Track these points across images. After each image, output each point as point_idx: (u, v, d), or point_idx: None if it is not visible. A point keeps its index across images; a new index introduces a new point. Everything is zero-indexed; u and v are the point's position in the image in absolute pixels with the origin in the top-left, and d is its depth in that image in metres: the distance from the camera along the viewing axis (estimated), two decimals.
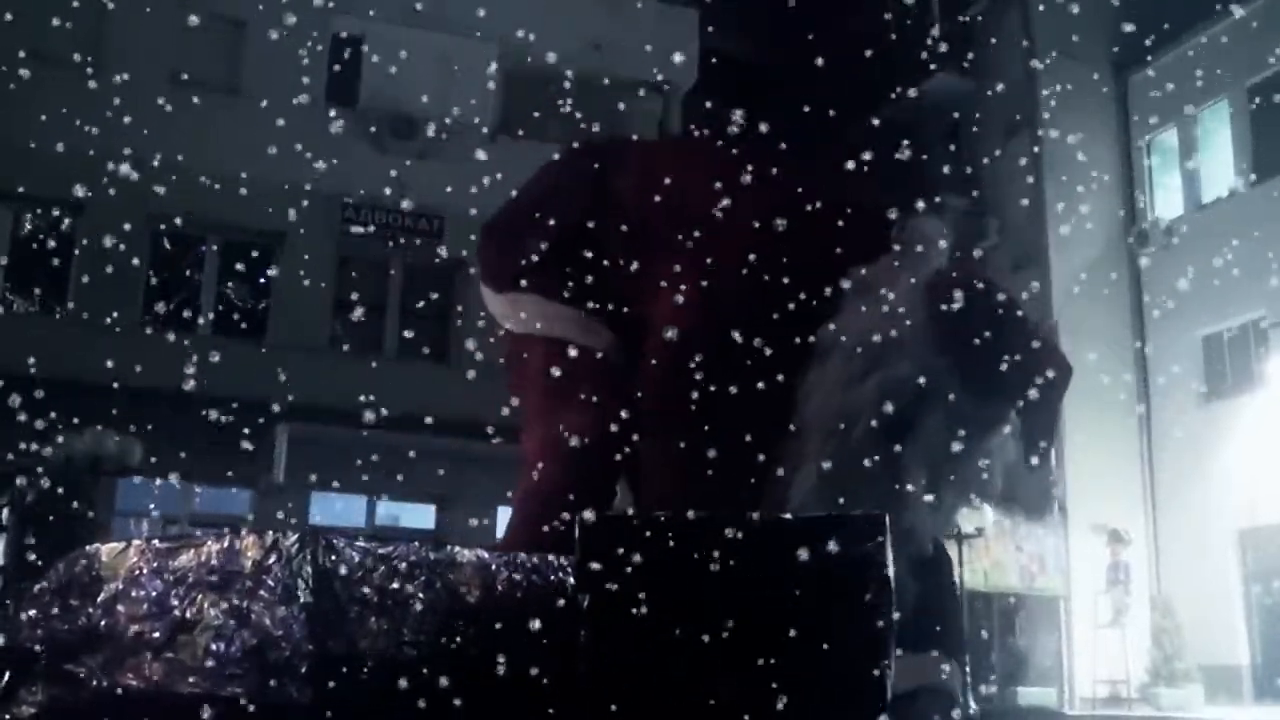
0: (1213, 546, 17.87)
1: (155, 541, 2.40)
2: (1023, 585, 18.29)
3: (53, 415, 13.42)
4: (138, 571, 2.34)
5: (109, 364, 13.46)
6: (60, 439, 13.67)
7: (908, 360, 2.57)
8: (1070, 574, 18.36)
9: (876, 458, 2.55)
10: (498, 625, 2.18)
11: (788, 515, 2.26)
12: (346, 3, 17.63)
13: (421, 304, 17.86)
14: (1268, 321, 17.58)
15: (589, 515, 2.15)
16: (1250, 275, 16.39)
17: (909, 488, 2.59)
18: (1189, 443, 18.31)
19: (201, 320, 18.09)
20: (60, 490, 13.09)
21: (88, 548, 2.44)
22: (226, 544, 2.29)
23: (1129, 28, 18.00)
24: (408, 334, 18.05)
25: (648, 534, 2.10)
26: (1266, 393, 17.51)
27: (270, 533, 2.26)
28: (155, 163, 15.28)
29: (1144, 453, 19.35)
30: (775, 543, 2.08)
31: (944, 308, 2.61)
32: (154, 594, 2.29)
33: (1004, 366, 2.65)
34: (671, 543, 2.10)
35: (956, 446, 2.65)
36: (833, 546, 2.08)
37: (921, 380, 2.57)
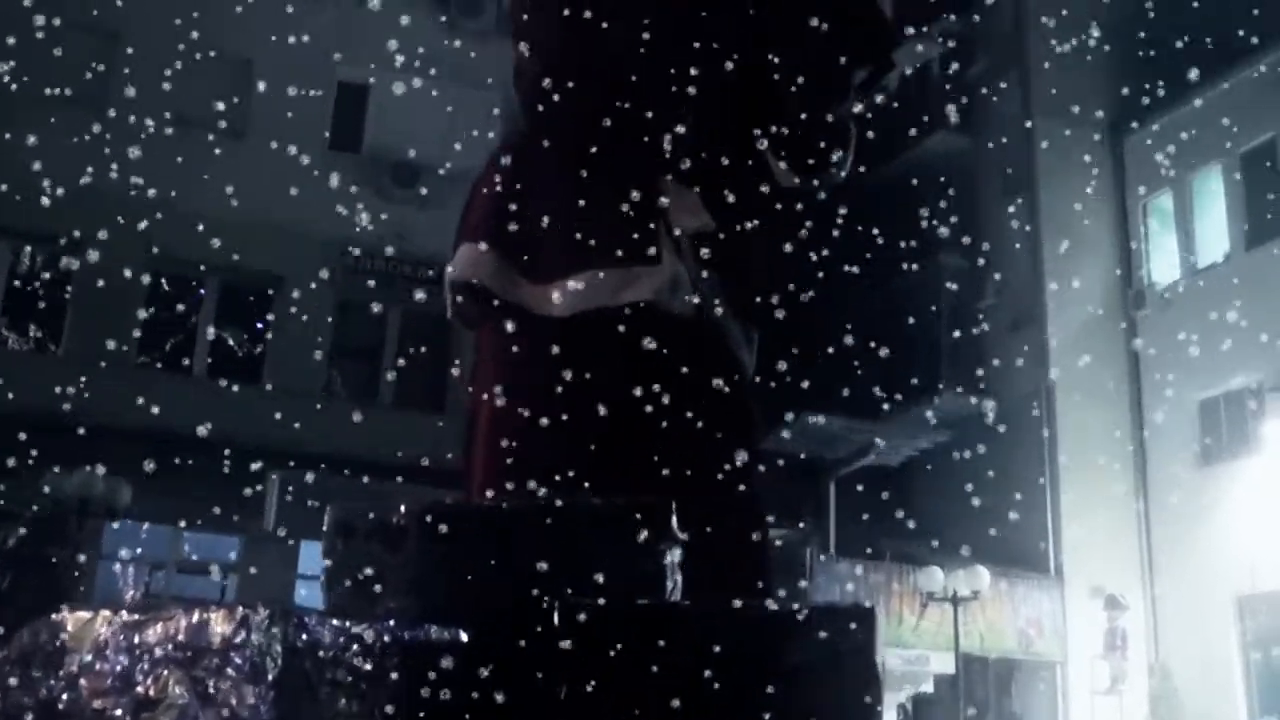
0: (1211, 612, 17.75)
1: (124, 613, 2.33)
2: (1019, 649, 18.18)
3: (42, 455, 13.39)
4: (104, 643, 2.27)
5: (101, 404, 13.43)
6: (48, 480, 13.59)
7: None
8: (1067, 639, 18.24)
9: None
10: (473, 708, 2.11)
11: (774, 605, 2.19)
12: (352, 50, 17.72)
13: (418, 352, 17.83)
14: (1265, 386, 17.57)
15: (570, 598, 2.08)
16: (1246, 339, 16.39)
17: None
18: (1186, 507, 18.24)
19: (197, 363, 18.04)
20: (45, 533, 12.98)
21: (53, 615, 2.37)
22: (196, 618, 2.22)
23: (1125, 90, 18.12)
24: (402, 381, 18.01)
25: (630, 621, 2.04)
26: (1263, 457, 17.46)
27: (240, 608, 2.19)
28: (156, 203, 15.35)
29: (1141, 516, 19.26)
30: (763, 633, 2.02)
31: None
32: (119, 669, 2.21)
33: None
34: (654, 630, 2.03)
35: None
36: (821, 636, 2.01)
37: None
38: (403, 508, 2.39)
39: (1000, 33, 21.05)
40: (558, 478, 2.47)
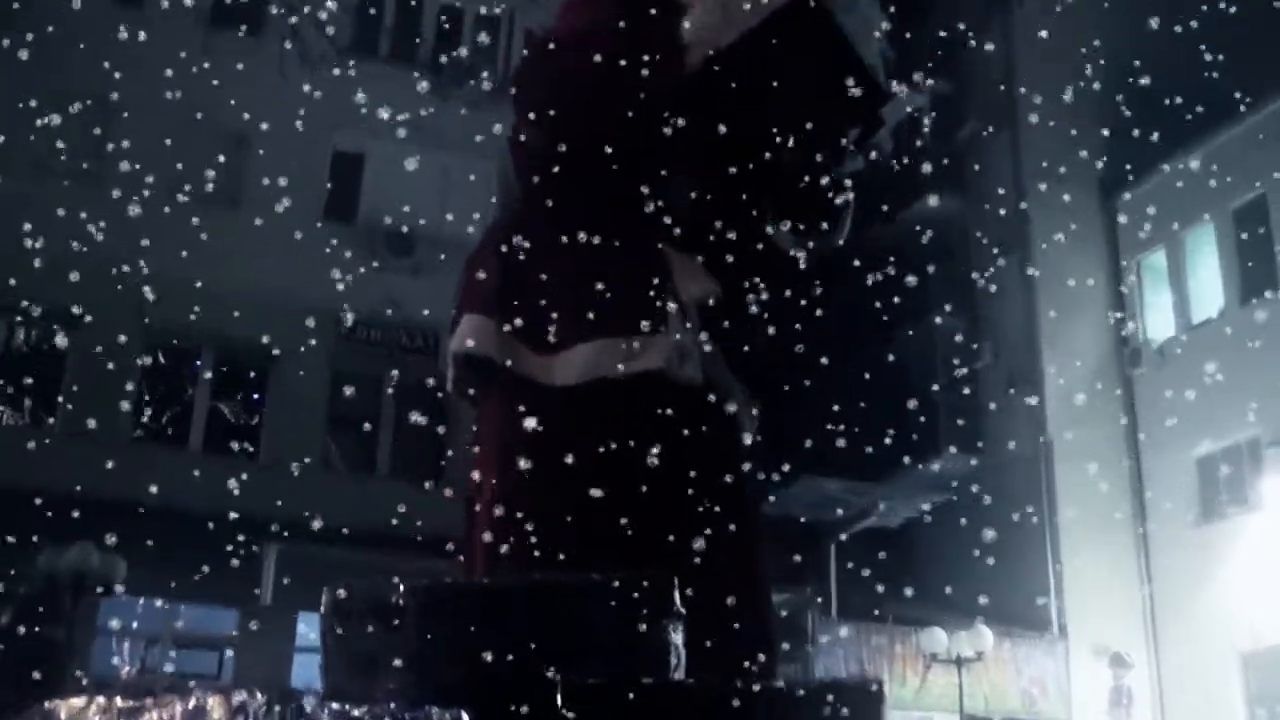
0: (1215, 669, 17.60)
1: (118, 699, 2.28)
2: (1024, 710, 18.00)
3: (36, 531, 13.31)
4: None
5: (96, 478, 13.35)
6: (43, 556, 13.49)
7: None
8: (1072, 698, 18.07)
9: None
10: None
11: (779, 682, 2.15)
12: (348, 120, 17.84)
13: (415, 421, 17.77)
14: (1262, 441, 17.54)
15: (573, 676, 2.05)
16: (1243, 394, 16.39)
17: None
18: (1188, 563, 18.16)
19: (193, 435, 17.97)
20: (40, 611, 12.86)
21: (46, 704, 2.32)
22: (192, 704, 2.18)
23: (1115, 149, 18.27)
24: (399, 450, 17.94)
25: (634, 699, 2.00)
26: (1263, 513, 17.40)
27: (238, 692, 2.15)
28: (151, 274, 15.38)
29: (1143, 574, 19.15)
30: (769, 710, 1.98)
31: None
32: None
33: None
34: (659, 708, 2.00)
35: None
36: (828, 713, 1.97)
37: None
38: (400, 586, 2.35)
39: (990, 94, 21.23)
40: (565, 549, 2.44)
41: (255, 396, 18.34)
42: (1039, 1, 20.36)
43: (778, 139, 2.66)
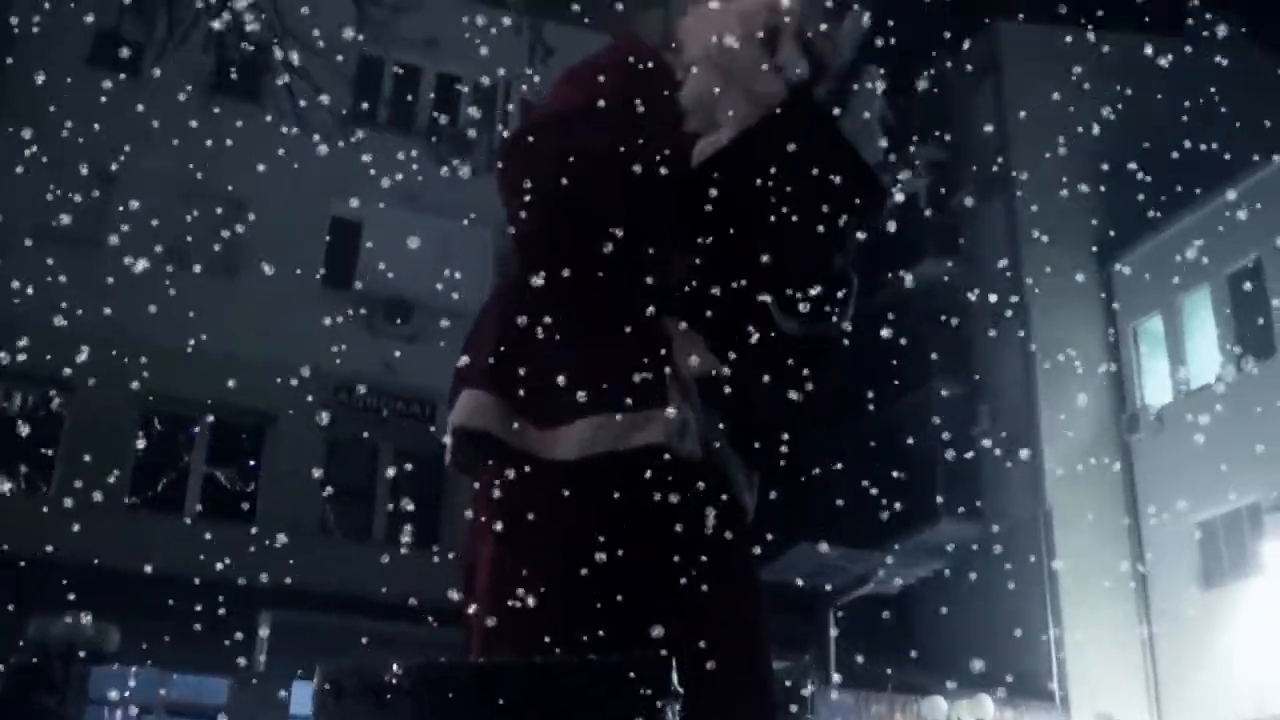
0: None
1: None
2: None
3: (31, 599, 13.20)
4: None
5: (91, 546, 13.28)
6: (35, 625, 13.37)
7: None
8: None
9: None
10: None
11: None
12: (346, 187, 17.94)
13: (412, 489, 17.75)
14: (1262, 506, 17.49)
15: None
16: (1242, 459, 16.38)
17: None
18: (1190, 630, 18.03)
19: (188, 502, 17.89)
20: (31, 680, 12.72)
21: None
22: None
23: (1111, 215, 18.39)
24: (395, 518, 17.86)
25: None
26: (1265, 578, 17.31)
27: None
28: (147, 340, 15.39)
29: (1145, 640, 19.02)
30: None
31: None
32: None
33: None
34: None
35: None
36: None
37: None
38: (394, 666, 2.32)
39: (985, 161, 21.41)
40: (562, 626, 2.41)
41: (251, 463, 18.27)
42: (1032, 67, 20.58)
43: (776, 224, 2.66)
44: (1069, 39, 19.83)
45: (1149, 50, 18.50)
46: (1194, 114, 13.34)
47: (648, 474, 2.47)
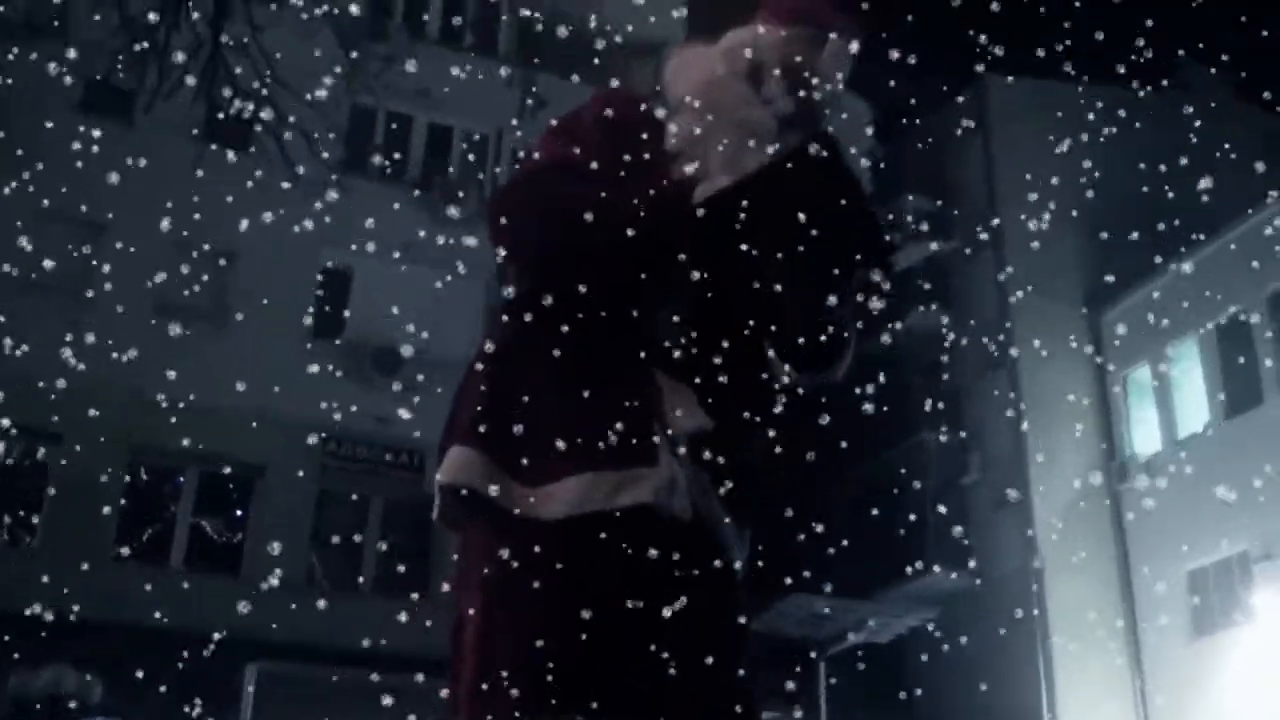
0: None
1: None
2: None
3: (13, 652, 13.05)
4: None
5: (77, 597, 13.14)
6: (15, 678, 13.21)
7: None
8: None
9: None
10: None
11: None
12: (336, 237, 17.95)
13: (400, 541, 17.63)
14: (1250, 555, 17.47)
15: None
16: (1230, 508, 16.38)
17: None
18: (1182, 678, 17.96)
19: (175, 553, 17.75)
20: None
21: None
22: None
23: (1100, 266, 18.45)
24: (384, 569, 17.72)
25: None
26: (1255, 627, 17.26)
27: None
28: (135, 392, 15.33)
29: (1136, 689, 18.92)
30: None
31: None
32: None
33: None
34: None
35: None
36: None
37: None
38: None
39: (974, 211, 21.52)
40: (549, 690, 2.36)
41: (238, 514, 18.16)
42: (1022, 121, 20.75)
43: (779, 277, 2.63)
44: (1058, 94, 20.02)
45: (1137, 104, 18.66)
46: (1182, 166, 13.42)
47: (636, 533, 2.43)
